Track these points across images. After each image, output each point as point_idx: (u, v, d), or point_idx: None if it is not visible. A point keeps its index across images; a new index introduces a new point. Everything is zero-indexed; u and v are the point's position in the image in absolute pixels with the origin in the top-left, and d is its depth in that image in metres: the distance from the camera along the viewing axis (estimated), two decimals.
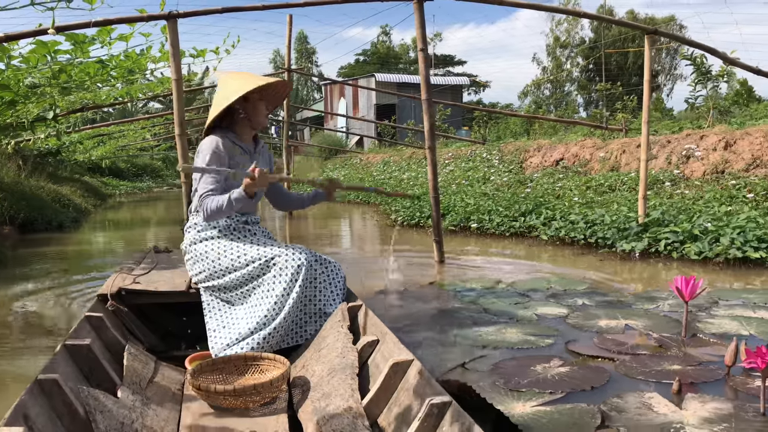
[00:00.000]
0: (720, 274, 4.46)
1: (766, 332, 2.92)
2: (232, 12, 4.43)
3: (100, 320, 2.38)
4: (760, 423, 1.98)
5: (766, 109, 12.32)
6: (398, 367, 1.85)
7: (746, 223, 5.02)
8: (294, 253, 2.53)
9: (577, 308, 3.53)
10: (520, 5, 5.11)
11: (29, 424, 1.51)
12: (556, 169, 10.93)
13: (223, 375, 2.25)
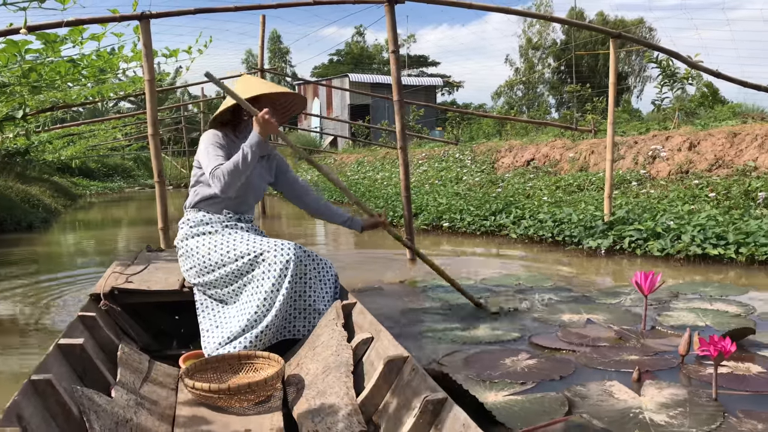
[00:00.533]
0: (681, 269, 4.62)
1: (721, 323, 3.06)
2: (205, 13, 4.45)
3: (93, 320, 2.36)
4: (712, 407, 2.10)
5: (729, 111, 12.66)
6: (393, 364, 1.85)
7: (706, 221, 5.21)
8: (282, 248, 2.52)
9: (543, 303, 3.64)
10: (488, 9, 5.23)
11: (23, 424, 1.50)
12: (527, 169, 11.11)
13: (218, 374, 2.24)
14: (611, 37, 5.51)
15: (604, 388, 2.29)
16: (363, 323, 2.39)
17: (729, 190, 6.67)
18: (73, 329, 2.23)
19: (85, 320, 2.35)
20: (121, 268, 3.18)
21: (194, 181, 2.81)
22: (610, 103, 5.70)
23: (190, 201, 2.79)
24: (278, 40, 46.60)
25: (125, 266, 3.23)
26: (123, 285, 2.80)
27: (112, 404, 1.78)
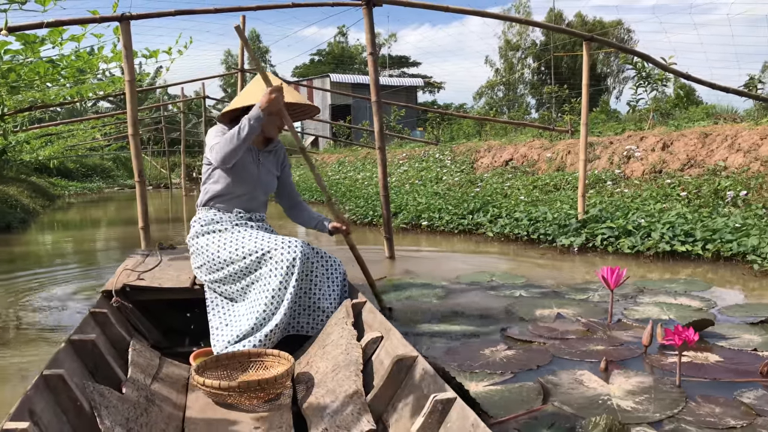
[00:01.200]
0: (650, 266, 4.77)
1: (683, 316, 3.20)
2: (185, 15, 4.51)
3: (105, 316, 2.37)
4: (676, 393, 2.23)
5: (702, 112, 12.92)
6: (402, 363, 1.85)
7: (676, 219, 5.37)
8: (290, 245, 2.53)
9: (516, 299, 3.76)
10: (465, 12, 5.33)
11: (35, 419, 1.50)
12: (506, 169, 11.26)
13: (228, 371, 2.24)
14: (584, 40, 5.65)
15: (574, 377, 2.41)
16: (372, 322, 2.38)
17: (699, 189, 6.86)
18: (84, 325, 2.24)
19: (97, 317, 2.36)
20: (133, 265, 3.17)
21: (204, 178, 2.84)
22: (583, 105, 5.84)
23: (202, 199, 2.82)
24: (257, 40, 46.46)
25: (137, 263, 3.23)
26: (135, 282, 2.81)
27: (123, 400, 1.79)
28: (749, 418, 2.00)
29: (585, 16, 36.69)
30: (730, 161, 7.74)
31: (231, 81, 39.61)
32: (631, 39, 36.70)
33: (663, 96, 15.78)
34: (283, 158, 3.03)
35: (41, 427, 1.50)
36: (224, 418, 1.97)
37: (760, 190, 6.31)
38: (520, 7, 36.88)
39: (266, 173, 2.89)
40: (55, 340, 3.18)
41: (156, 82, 24.17)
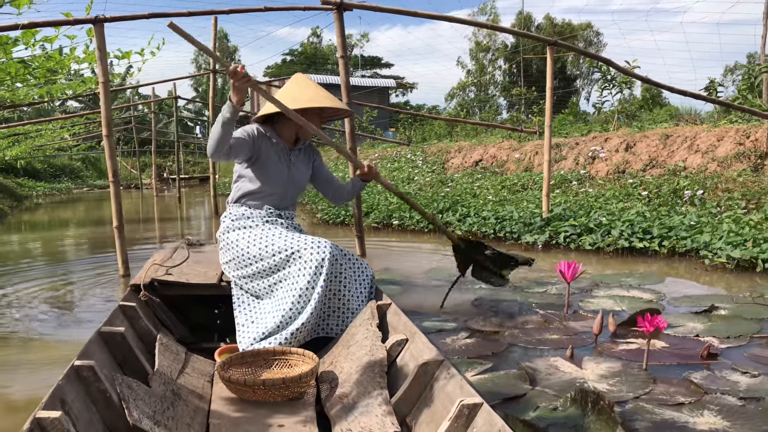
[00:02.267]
0: (610, 261, 4.99)
1: (635, 307, 3.39)
2: (159, 18, 4.59)
3: (133, 310, 2.40)
4: (644, 375, 2.43)
5: (666, 114, 13.31)
6: (428, 366, 1.84)
7: (635, 217, 5.61)
8: (319, 246, 2.54)
9: (479, 293, 3.93)
10: (432, 17, 5.49)
11: (65, 408, 1.51)
12: (476, 170, 11.48)
13: (252, 368, 2.26)
14: (547, 44, 5.86)
15: (549, 363, 2.58)
16: (397, 324, 2.38)
17: (660, 189, 7.12)
18: (113, 318, 2.27)
19: (126, 310, 2.40)
20: (161, 260, 3.20)
21: (236, 176, 2.88)
22: (547, 108, 6.05)
23: (233, 196, 2.86)
24: (225, 39, 46.22)
25: (165, 258, 3.25)
26: (162, 277, 2.84)
27: (150, 394, 1.80)
28: (698, 395, 2.22)
29: (554, 18, 37.21)
30: (690, 162, 8.04)
31: (202, 80, 39.34)
32: (600, 42, 37.37)
33: (630, 97, 16.20)
34: (313, 155, 3.04)
35: (72, 416, 1.52)
36: (248, 415, 1.98)
37: (716, 190, 6.60)
38: (486, 8, 37.25)
39: (297, 172, 2.90)
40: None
41: (127, 82, 23.96)
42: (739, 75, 20.88)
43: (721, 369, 2.48)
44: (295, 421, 1.92)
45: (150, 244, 7.09)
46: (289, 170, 2.85)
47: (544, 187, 6.04)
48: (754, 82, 10.23)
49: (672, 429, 1.96)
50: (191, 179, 24.48)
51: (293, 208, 2.94)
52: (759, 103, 9.17)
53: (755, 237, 4.59)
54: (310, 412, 1.99)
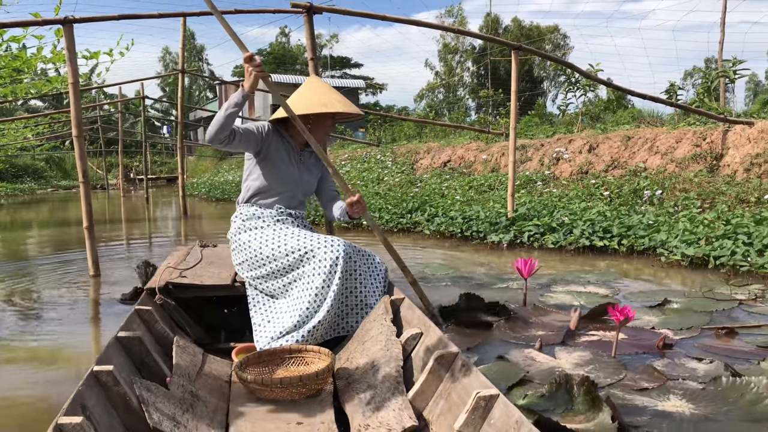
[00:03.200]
0: (571, 259, 5.17)
1: (592, 302, 3.56)
2: (129, 19, 4.62)
3: (150, 313, 2.41)
4: (614, 363, 2.58)
5: (629, 116, 13.66)
6: (443, 359, 1.85)
7: (596, 216, 5.81)
8: (332, 244, 2.53)
9: (441, 289, 4.06)
10: (399, 20, 5.61)
11: (86, 413, 1.53)
12: (444, 170, 11.65)
13: (269, 367, 2.27)
14: (512, 48, 6.02)
15: (525, 354, 2.70)
16: (411, 318, 2.39)
17: (621, 189, 7.36)
18: (130, 322, 2.28)
19: (142, 314, 2.41)
20: (175, 262, 3.21)
21: (246, 174, 2.87)
22: (512, 110, 6.20)
23: (243, 196, 2.85)
24: (192, 38, 45.80)
25: (178, 261, 3.27)
26: (177, 280, 2.85)
27: (170, 396, 1.83)
28: (661, 381, 2.39)
29: (522, 21, 37.71)
30: (650, 163, 8.31)
31: (170, 80, 38.90)
32: (567, 44, 37.99)
33: (596, 99, 16.55)
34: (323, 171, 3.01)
35: (93, 421, 1.54)
36: (267, 413, 1.99)
37: (673, 190, 6.85)
38: (454, 10, 37.59)
39: (307, 173, 2.90)
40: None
41: (93, 81, 23.61)
42: (698, 79, 21.48)
43: (677, 357, 2.65)
44: (313, 418, 1.95)
45: (118, 245, 7.08)
46: (299, 171, 2.85)
47: (509, 187, 6.20)
48: (711, 85, 10.58)
49: (645, 411, 2.11)
50: (159, 179, 24.24)
51: (303, 208, 2.95)
52: (715, 107, 9.49)
53: (708, 235, 4.81)
54: (328, 408, 2.00)
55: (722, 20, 12.75)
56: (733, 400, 2.16)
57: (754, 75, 39.44)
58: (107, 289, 4.40)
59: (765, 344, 2.80)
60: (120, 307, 3.84)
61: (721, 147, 7.56)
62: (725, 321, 3.20)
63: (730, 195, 6.09)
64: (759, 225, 4.82)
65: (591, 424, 1.97)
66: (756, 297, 3.68)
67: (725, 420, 2.03)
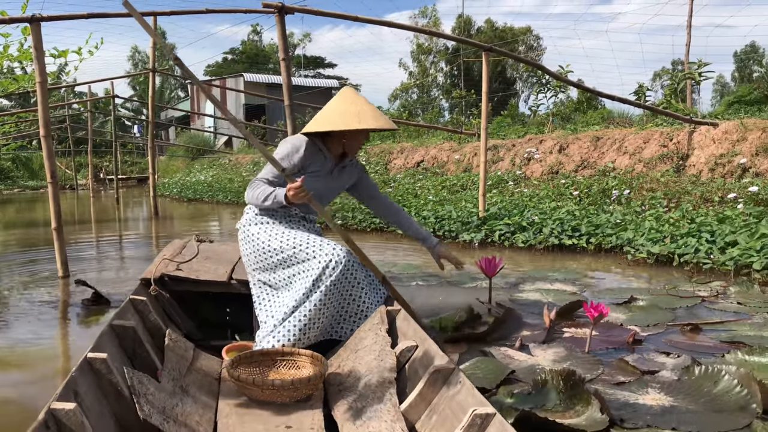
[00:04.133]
0: (541, 258, 5.25)
1: (560, 300, 3.63)
2: (98, 18, 4.57)
3: (144, 304, 2.39)
4: (590, 359, 2.65)
5: (599, 116, 13.88)
6: (439, 374, 1.82)
7: (565, 215, 5.91)
8: (334, 250, 2.51)
9: (412, 289, 4.10)
10: (371, 21, 5.65)
11: (78, 400, 1.52)
12: (417, 170, 11.72)
13: (261, 368, 2.25)
14: (482, 50, 6.09)
15: (502, 353, 2.74)
16: (407, 330, 2.35)
17: (590, 189, 7.49)
18: (124, 311, 2.26)
19: (136, 303, 2.38)
20: (171, 254, 3.16)
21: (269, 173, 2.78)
22: (483, 111, 6.28)
23: None
24: (163, 36, 45.33)
25: (174, 253, 3.21)
26: (173, 272, 2.83)
27: (160, 389, 1.82)
28: (636, 375, 2.47)
29: (495, 22, 38.02)
30: (618, 163, 8.47)
31: (140, 79, 38.41)
32: (540, 46, 38.40)
33: (567, 99, 16.75)
34: (357, 174, 2.96)
35: (84, 408, 1.52)
36: (256, 414, 1.97)
37: (641, 189, 6.99)
38: (428, 11, 37.76)
39: (333, 187, 2.85)
40: None
41: (62, 80, 23.25)
42: (666, 80, 21.90)
43: (646, 353, 2.74)
44: (302, 422, 1.93)
45: (88, 245, 6.99)
46: (326, 184, 2.79)
47: (480, 187, 6.28)
48: (677, 87, 10.80)
49: (626, 405, 2.16)
50: (129, 180, 23.93)
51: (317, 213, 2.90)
52: (681, 108, 9.70)
53: (673, 234, 4.93)
54: (318, 414, 1.98)
55: (688, 23, 13.00)
56: (707, 389, 2.24)
57: (721, 76, 40.34)
58: (73, 288, 4.36)
59: (728, 339, 2.90)
60: (87, 309, 3.81)
61: (687, 147, 7.73)
62: (689, 317, 3.29)
63: (695, 194, 6.23)
64: (722, 223, 4.96)
65: (582, 419, 2.01)
66: (717, 294, 3.79)
67: (703, 411, 2.11)
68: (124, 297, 4.06)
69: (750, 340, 2.86)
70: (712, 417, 2.06)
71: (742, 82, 32.36)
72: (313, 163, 2.71)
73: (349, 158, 2.84)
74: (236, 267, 3.09)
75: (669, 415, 2.07)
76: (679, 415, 2.07)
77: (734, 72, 37.61)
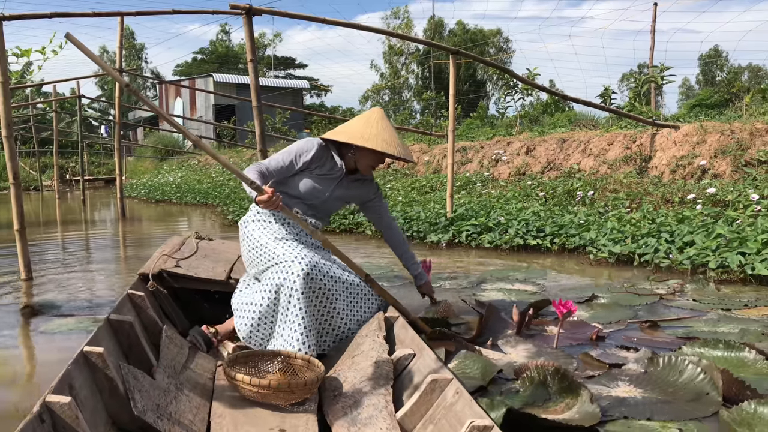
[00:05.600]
0: (506, 258, 5.34)
1: (522, 299, 3.71)
2: (63, 17, 4.53)
3: (141, 299, 2.37)
4: (560, 354, 2.72)
5: (565, 118, 14.11)
6: (436, 384, 1.81)
7: (530, 216, 6.02)
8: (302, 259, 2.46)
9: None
10: (340, 24, 5.68)
11: (73, 394, 1.51)
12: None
13: (256, 369, 2.24)
14: (450, 53, 6.16)
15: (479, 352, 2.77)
16: (405, 338, 2.32)
17: (555, 190, 7.62)
18: (122, 306, 2.25)
19: (134, 298, 2.36)
20: (170, 250, 3.12)
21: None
22: (450, 113, 6.36)
23: None
24: (131, 37, 44.71)
25: (173, 249, 3.16)
26: (171, 269, 2.80)
27: (155, 386, 1.80)
28: (604, 368, 2.54)
29: (466, 24, 38.36)
30: (583, 164, 8.63)
31: (108, 79, 37.82)
32: (509, 48, 38.81)
33: (537, 101, 16.98)
34: (371, 193, 2.97)
35: (78, 402, 1.51)
36: (250, 416, 1.96)
37: (604, 190, 7.14)
38: (400, 12, 37.88)
39: (339, 195, 2.83)
40: None
41: (26, 80, 22.77)
42: (631, 83, 22.37)
43: (609, 348, 2.83)
44: (296, 426, 1.91)
45: (53, 247, 6.89)
46: (330, 193, 2.78)
47: (448, 189, 6.36)
48: (641, 90, 11.04)
49: (601, 398, 2.21)
50: (96, 181, 23.54)
51: (325, 222, 2.89)
52: (645, 111, 9.93)
53: (634, 234, 5.06)
54: (312, 419, 1.97)
55: (652, 27, 13.33)
56: (673, 379, 2.32)
57: (686, 79, 41.25)
58: (36, 290, 4.33)
59: (684, 335, 3.00)
60: (49, 311, 3.77)
61: (650, 149, 7.92)
62: (648, 315, 3.38)
63: (656, 195, 6.39)
64: (681, 224, 5.10)
65: (574, 411, 2.05)
66: (675, 291, 3.91)
67: (673, 401, 2.18)
68: (89, 301, 4.05)
69: (705, 335, 2.96)
70: (681, 405, 2.14)
71: (706, 85, 33.17)
72: (321, 166, 2.74)
73: (361, 175, 2.86)
74: (234, 266, 3.07)
75: (642, 406, 2.14)
76: (652, 406, 2.14)
77: (698, 75, 38.52)
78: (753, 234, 4.37)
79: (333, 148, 2.79)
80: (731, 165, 6.78)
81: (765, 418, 1.96)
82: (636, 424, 2.02)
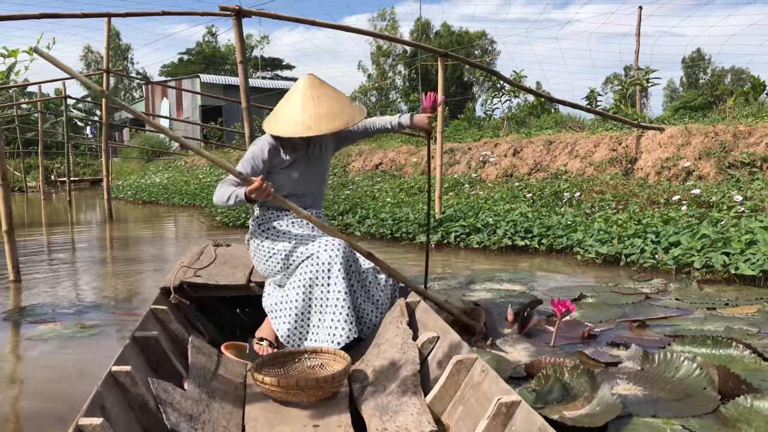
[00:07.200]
0: (495, 259, 5.39)
1: (510, 298, 3.76)
2: (51, 18, 4.52)
3: (165, 313, 2.39)
4: (559, 352, 2.77)
5: (552, 120, 14.21)
6: (462, 364, 1.82)
7: (518, 217, 6.07)
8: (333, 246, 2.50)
9: None
10: (328, 26, 5.70)
11: (105, 414, 1.53)
12: (376, 173, 11.81)
13: (285, 369, 2.26)
14: (438, 55, 6.21)
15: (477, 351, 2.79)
16: (428, 321, 2.34)
17: (542, 191, 7.68)
18: (146, 322, 2.27)
19: (158, 313, 2.39)
20: (189, 261, 3.15)
21: None
22: (438, 115, 6.39)
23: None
24: (117, 37, 44.42)
25: (192, 260, 3.19)
26: (192, 279, 2.83)
27: (186, 397, 1.82)
28: (600, 367, 2.57)
29: (451, 26, 38.49)
30: (570, 166, 8.70)
31: (94, 80, 37.61)
32: (494, 49, 38.98)
33: (524, 102, 17.06)
34: (332, 138, 2.91)
35: (111, 422, 1.53)
36: (283, 415, 1.98)
37: (591, 192, 7.21)
38: (386, 14, 37.94)
39: (317, 168, 2.81)
40: None
41: (11, 80, 22.55)
42: (617, 86, 22.55)
43: (601, 346, 2.87)
44: (330, 420, 1.93)
45: (39, 249, 6.85)
46: (307, 168, 2.76)
47: (436, 190, 6.40)
48: (626, 92, 11.15)
49: None
50: (82, 182, 23.37)
51: (319, 205, 2.86)
52: (630, 113, 10.02)
53: (620, 234, 5.12)
54: (344, 411, 1.98)
55: (637, 30, 13.43)
56: (670, 376, 2.36)
57: (671, 82, 41.67)
58: (26, 293, 4.31)
59: (672, 333, 3.05)
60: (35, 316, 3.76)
61: (635, 151, 8.01)
62: (636, 314, 3.44)
63: (642, 197, 6.47)
64: (666, 224, 5.17)
65: (595, 403, 2.07)
66: (659, 290, 3.98)
67: (673, 397, 2.22)
68: (77, 301, 4.04)
69: (692, 333, 3.01)
70: (682, 402, 2.17)
71: (690, 87, 33.52)
72: (281, 158, 2.70)
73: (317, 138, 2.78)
74: (254, 269, 3.08)
75: (645, 404, 2.17)
76: (654, 403, 2.18)
77: (683, 78, 38.91)
78: (737, 234, 4.44)
79: (284, 140, 2.75)
80: (715, 167, 6.88)
81: (762, 413, 2.02)
82: (640, 421, 2.05)
